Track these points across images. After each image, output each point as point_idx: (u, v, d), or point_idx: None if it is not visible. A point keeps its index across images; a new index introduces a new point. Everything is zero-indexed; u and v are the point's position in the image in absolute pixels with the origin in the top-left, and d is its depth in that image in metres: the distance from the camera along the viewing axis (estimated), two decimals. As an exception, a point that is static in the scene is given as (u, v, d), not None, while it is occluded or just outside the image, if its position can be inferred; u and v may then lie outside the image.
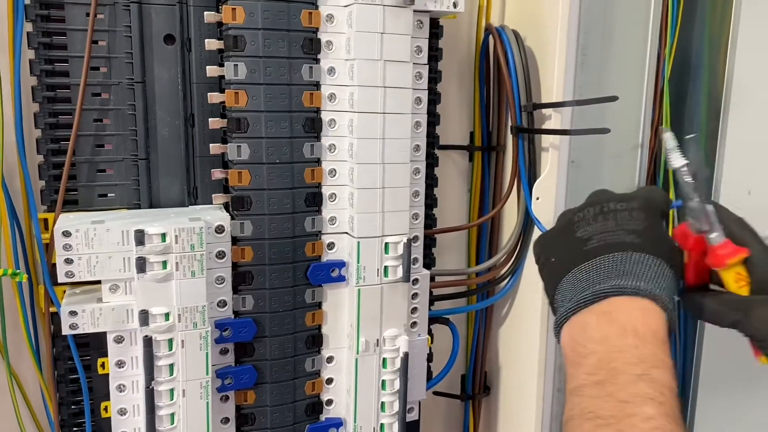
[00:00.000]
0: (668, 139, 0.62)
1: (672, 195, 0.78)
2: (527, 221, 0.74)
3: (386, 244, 0.63)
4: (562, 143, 0.71)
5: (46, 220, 0.60)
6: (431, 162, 0.70)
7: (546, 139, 0.72)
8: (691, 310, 0.57)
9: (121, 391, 0.59)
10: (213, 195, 0.63)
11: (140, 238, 0.55)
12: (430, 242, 0.73)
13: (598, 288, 0.47)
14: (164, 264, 0.56)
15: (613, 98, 0.65)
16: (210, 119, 0.61)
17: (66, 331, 0.57)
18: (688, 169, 0.59)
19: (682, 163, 0.59)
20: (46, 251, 0.59)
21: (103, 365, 0.62)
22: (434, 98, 0.70)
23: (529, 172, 0.72)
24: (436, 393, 0.84)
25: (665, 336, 0.46)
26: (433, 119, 0.69)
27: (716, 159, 0.81)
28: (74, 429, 0.64)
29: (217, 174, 0.62)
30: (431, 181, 0.71)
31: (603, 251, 0.49)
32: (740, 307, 0.53)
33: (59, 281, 0.56)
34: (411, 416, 0.70)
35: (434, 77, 0.69)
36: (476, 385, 0.85)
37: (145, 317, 0.56)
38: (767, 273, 0.54)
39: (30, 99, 0.59)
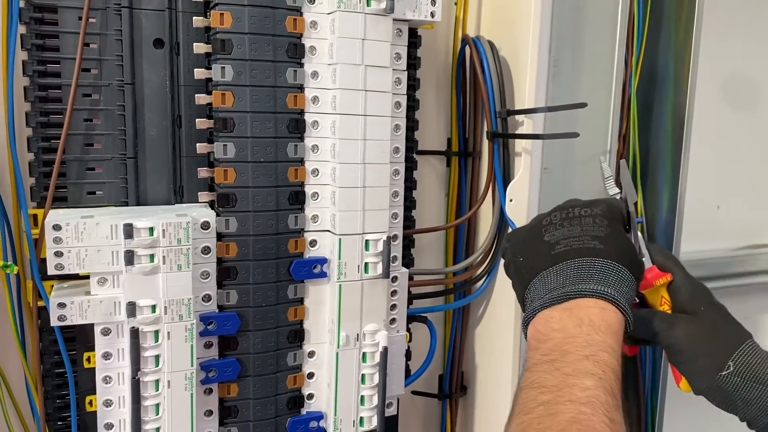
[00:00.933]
0: (605, 168, 0.68)
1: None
2: (502, 223, 0.77)
3: (366, 241, 0.66)
4: (535, 149, 0.74)
5: (35, 216, 0.61)
6: (410, 165, 0.73)
7: (519, 145, 0.76)
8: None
9: (107, 383, 0.61)
10: (199, 193, 0.65)
11: (129, 231, 0.57)
12: (408, 243, 0.76)
13: (563, 291, 0.51)
14: (152, 257, 0.58)
15: (582, 105, 0.69)
16: (197, 119, 0.63)
17: (54, 322, 0.58)
18: (620, 197, 0.65)
19: (615, 192, 0.65)
20: (36, 246, 0.61)
21: (88, 359, 0.63)
22: (413, 104, 0.73)
23: (504, 176, 0.76)
24: (414, 392, 0.87)
25: (619, 330, 0.50)
26: (411, 124, 0.72)
27: (680, 174, 0.84)
28: (59, 423, 0.65)
29: (203, 173, 0.64)
30: (410, 184, 0.74)
31: (569, 256, 0.53)
32: (668, 319, 0.60)
33: (49, 273, 0.58)
34: (390, 411, 0.72)
35: (413, 84, 0.72)
36: (453, 385, 0.87)
37: (132, 309, 0.58)
38: (686, 297, 0.61)
39: (22, 98, 0.61)
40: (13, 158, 0.61)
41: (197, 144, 0.64)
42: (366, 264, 0.66)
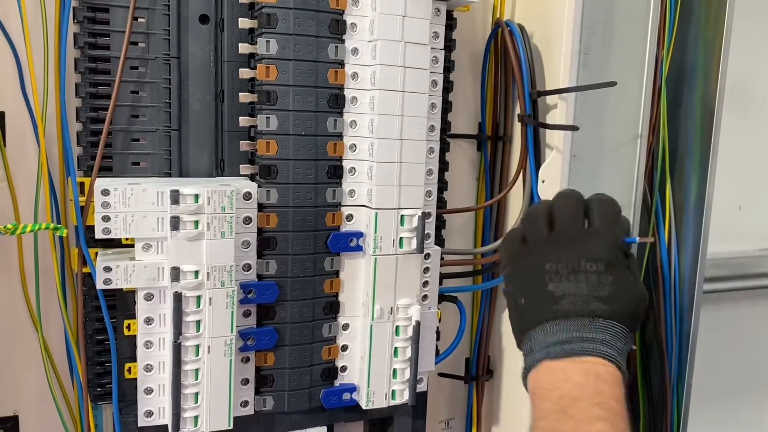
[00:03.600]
0: None
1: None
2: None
3: (402, 216, 0.67)
4: (566, 134, 0.75)
5: (82, 184, 0.63)
6: (443, 147, 0.74)
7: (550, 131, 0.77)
8: None
9: (148, 348, 0.62)
10: (240, 165, 0.67)
11: (175, 197, 0.58)
12: (440, 224, 0.77)
13: (568, 346, 0.53)
14: (196, 224, 0.60)
15: (612, 83, 0.70)
16: (240, 93, 0.65)
17: (100, 285, 0.60)
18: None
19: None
20: (82, 214, 0.63)
21: (128, 327, 0.65)
22: (447, 86, 0.74)
23: (536, 159, 0.77)
24: (441, 374, 0.87)
25: (621, 385, 0.52)
26: (445, 106, 0.74)
27: (708, 175, 0.85)
28: (98, 389, 0.66)
29: (245, 146, 0.66)
30: (442, 165, 0.75)
31: (573, 314, 0.55)
32: None
33: (96, 237, 0.59)
34: (420, 387, 0.73)
35: (448, 66, 0.73)
36: (480, 368, 0.88)
37: (176, 274, 0.59)
38: None
39: (73, 70, 0.63)
40: (63, 128, 0.63)
41: (240, 117, 0.65)
42: (401, 239, 0.67)
